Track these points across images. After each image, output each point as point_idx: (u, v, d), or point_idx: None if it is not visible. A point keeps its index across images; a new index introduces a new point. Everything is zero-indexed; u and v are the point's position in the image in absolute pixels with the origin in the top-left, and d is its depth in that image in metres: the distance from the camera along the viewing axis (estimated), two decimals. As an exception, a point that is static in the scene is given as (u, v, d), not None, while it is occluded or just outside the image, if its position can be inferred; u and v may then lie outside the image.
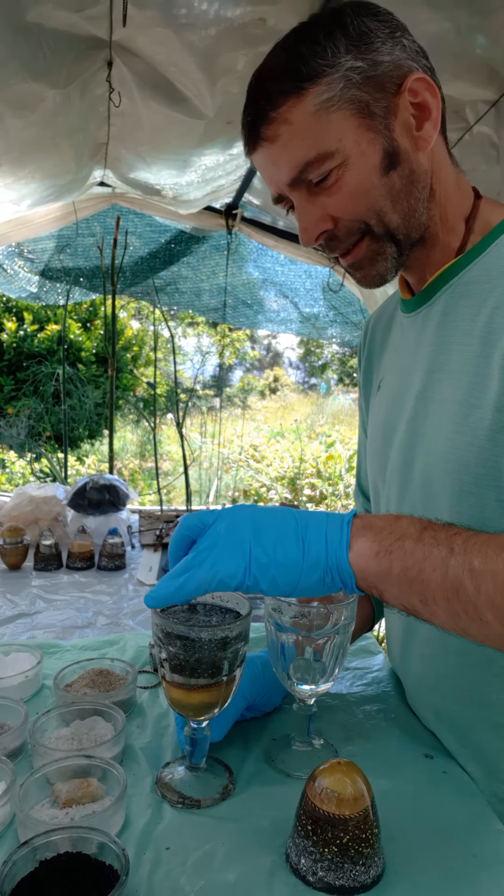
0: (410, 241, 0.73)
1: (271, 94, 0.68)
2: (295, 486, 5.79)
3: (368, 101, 0.67)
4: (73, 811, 0.64)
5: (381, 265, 0.74)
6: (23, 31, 1.26)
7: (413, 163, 0.70)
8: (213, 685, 0.67)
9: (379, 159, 0.68)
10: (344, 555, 0.56)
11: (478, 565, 0.52)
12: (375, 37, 0.67)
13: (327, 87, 0.66)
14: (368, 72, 0.66)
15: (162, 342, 7.77)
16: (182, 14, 1.26)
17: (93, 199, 2.56)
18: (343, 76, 0.66)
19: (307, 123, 0.67)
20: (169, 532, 2.20)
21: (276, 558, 0.57)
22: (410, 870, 0.60)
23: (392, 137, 0.68)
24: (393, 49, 0.68)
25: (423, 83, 0.68)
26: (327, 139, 0.67)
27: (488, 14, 1.13)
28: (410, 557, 0.55)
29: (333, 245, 0.74)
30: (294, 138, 0.68)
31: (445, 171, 0.73)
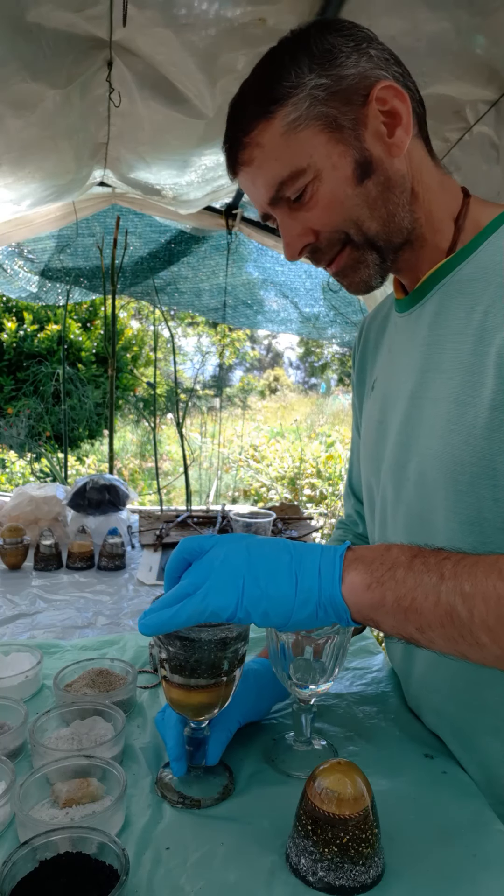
0: (392, 245, 0.75)
1: (243, 121, 0.71)
2: (295, 486, 5.79)
3: (336, 115, 0.69)
4: (73, 811, 0.64)
5: (364, 272, 0.75)
6: (23, 31, 1.26)
7: (388, 169, 0.71)
8: (213, 685, 0.67)
9: (351, 170, 0.70)
10: (337, 589, 0.57)
11: (468, 589, 0.52)
12: (339, 52, 0.69)
13: (293, 108, 0.68)
14: (333, 87, 0.68)
15: (162, 342, 7.78)
16: (182, 14, 1.26)
17: (93, 199, 2.56)
18: (308, 95, 0.68)
19: (277, 144, 0.70)
20: (169, 532, 2.20)
21: (269, 592, 0.58)
22: (410, 870, 0.60)
23: (363, 147, 0.70)
24: (358, 61, 0.69)
25: (390, 91, 0.69)
26: (298, 157, 0.69)
27: (488, 14, 1.13)
28: (402, 586, 0.55)
29: (318, 257, 0.76)
30: (267, 160, 0.71)
31: (427, 173, 0.74)
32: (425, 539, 0.72)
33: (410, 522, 0.78)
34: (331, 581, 0.57)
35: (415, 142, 0.73)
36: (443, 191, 0.75)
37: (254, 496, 5.78)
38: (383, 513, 0.86)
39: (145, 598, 1.68)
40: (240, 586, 0.57)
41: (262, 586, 0.58)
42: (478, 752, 0.75)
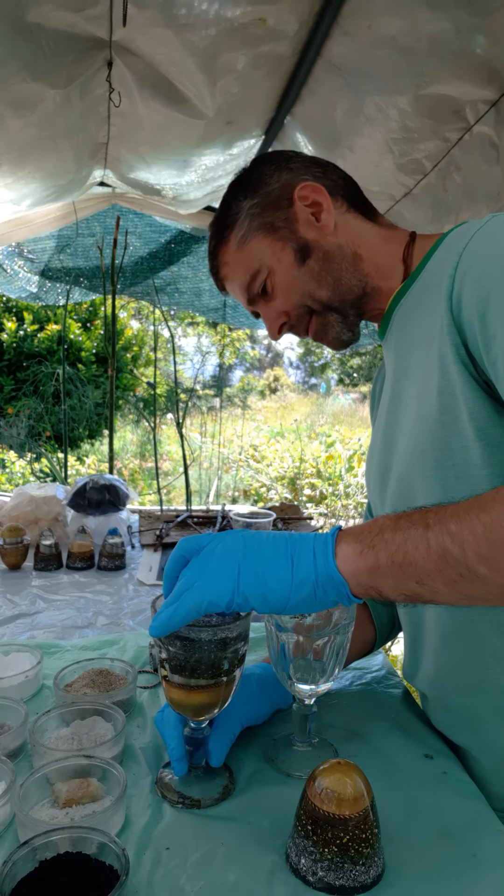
0: (348, 302, 0.88)
1: (213, 251, 0.93)
2: (295, 486, 5.79)
3: (272, 221, 0.87)
4: (73, 811, 0.64)
5: (333, 331, 0.90)
6: (23, 31, 1.25)
7: (324, 246, 0.86)
8: (213, 685, 0.67)
9: (293, 257, 0.87)
10: (332, 563, 0.59)
11: (454, 528, 0.55)
12: (264, 175, 0.88)
13: (239, 228, 0.88)
14: (263, 202, 0.87)
15: (162, 342, 7.78)
16: (182, 14, 1.26)
17: (93, 199, 2.56)
18: (247, 215, 0.88)
19: (235, 258, 0.90)
20: (169, 532, 2.20)
21: (265, 577, 0.59)
22: (410, 870, 0.60)
23: (298, 237, 0.86)
24: (280, 176, 0.88)
25: (308, 188, 0.86)
26: (251, 262, 0.88)
27: (488, 14, 1.13)
28: (392, 545, 0.57)
29: (295, 331, 0.93)
30: (232, 272, 0.92)
31: (366, 235, 0.88)
32: None
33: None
34: (325, 557, 0.59)
35: (346, 216, 0.88)
36: (387, 241, 0.88)
37: (254, 496, 5.78)
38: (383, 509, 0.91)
39: (145, 598, 1.68)
40: (235, 573, 0.60)
41: (258, 571, 0.60)
42: (488, 738, 0.77)
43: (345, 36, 1.29)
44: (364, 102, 1.46)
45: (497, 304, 0.63)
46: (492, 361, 0.64)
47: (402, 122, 1.46)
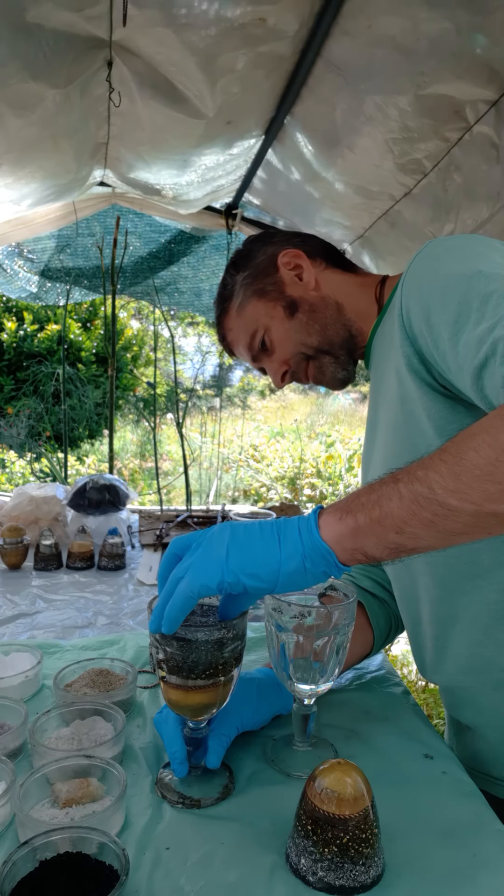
0: (336, 345, 1.00)
1: (217, 321, 1.09)
2: (295, 486, 5.79)
3: (262, 287, 1.01)
4: (73, 811, 0.64)
5: (329, 372, 1.02)
6: (23, 31, 1.25)
7: (309, 300, 1.00)
8: (211, 685, 0.67)
9: (283, 313, 1.00)
10: (316, 534, 0.62)
11: (421, 474, 0.58)
12: (252, 251, 1.05)
13: (236, 297, 1.04)
14: (253, 273, 1.02)
15: (162, 342, 7.78)
16: (182, 14, 1.26)
17: (93, 199, 2.56)
18: (241, 286, 1.03)
19: (236, 324, 1.05)
20: (169, 532, 2.20)
21: (254, 554, 0.62)
22: (410, 870, 0.60)
23: (285, 294, 1.00)
24: (266, 250, 1.03)
25: (288, 254, 1.00)
26: (249, 324, 1.03)
27: (488, 14, 1.13)
28: (368, 504, 0.60)
29: (297, 377, 1.05)
30: (236, 336, 1.06)
31: (344, 285, 1.01)
32: None
33: None
34: (308, 529, 0.62)
35: (326, 273, 1.01)
36: (363, 287, 1.00)
37: (254, 496, 5.78)
38: None
39: (145, 598, 1.67)
40: (223, 554, 0.62)
41: (245, 550, 0.62)
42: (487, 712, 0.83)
43: (345, 36, 1.29)
44: (364, 102, 1.45)
45: (435, 307, 0.71)
46: (441, 355, 0.71)
47: (402, 122, 1.46)
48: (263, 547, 0.62)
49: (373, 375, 0.99)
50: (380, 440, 0.92)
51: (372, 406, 1.00)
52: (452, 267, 0.72)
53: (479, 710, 0.85)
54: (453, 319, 0.68)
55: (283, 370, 1.04)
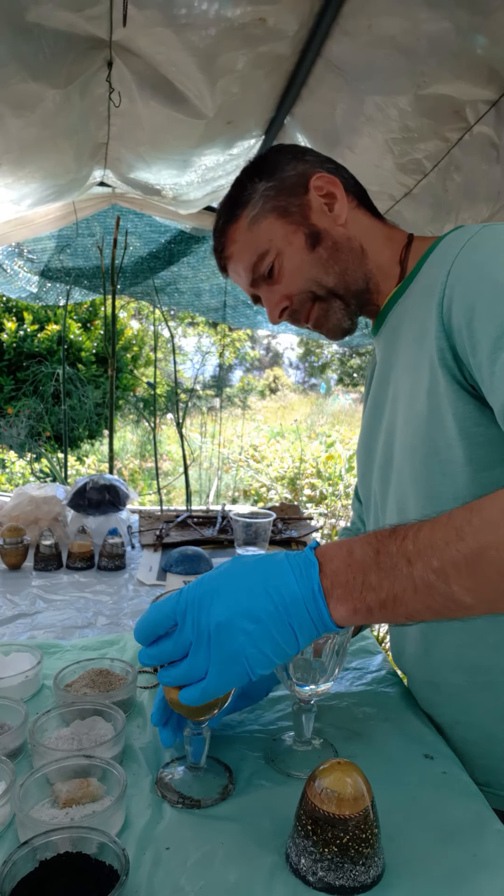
0: (352, 292, 0.92)
1: (222, 228, 0.95)
2: (295, 486, 5.79)
3: (285, 205, 0.90)
4: (73, 811, 0.64)
5: (335, 318, 0.93)
6: (23, 31, 1.25)
7: (334, 235, 0.90)
8: (213, 685, 0.67)
9: (303, 242, 0.89)
10: (329, 622, 0.59)
11: (437, 564, 0.55)
12: (281, 162, 0.92)
13: (252, 208, 0.91)
14: (279, 186, 0.90)
15: (162, 342, 7.78)
16: (182, 14, 1.26)
17: (93, 199, 2.56)
18: (261, 196, 0.90)
19: (245, 237, 0.92)
20: (169, 532, 2.20)
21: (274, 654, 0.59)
22: (410, 870, 0.60)
23: (310, 223, 0.89)
24: (297, 165, 0.91)
25: (323, 179, 0.90)
26: (261, 242, 0.90)
27: (488, 14, 1.13)
28: (381, 590, 0.57)
29: (295, 317, 0.95)
30: (240, 251, 0.93)
31: (371, 232, 0.92)
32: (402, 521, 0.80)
33: (394, 510, 0.88)
34: (321, 620, 0.59)
35: (356, 212, 0.92)
36: (389, 242, 0.92)
37: (254, 496, 5.78)
38: (377, 508, 0.96)
39: (145, 598, 1.67)
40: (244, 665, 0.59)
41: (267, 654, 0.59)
42: (470, 712, 0.81)
43: (345, 36, 1.29)
44: (364, 102, 1.46)
45: (481, 313, 0.67)
46: (477, 365, 0.68)
47: (402, 122, 1.46)
48: (283, 645, 0.59)
49: (383, 347, 0.93)
50: (399, 427, 0.85)
51: (380, 381, 0.93)
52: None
53: (464, 707, 0.83)
54: (497, 334, 0.64)
55: (283, 305, 0.94)
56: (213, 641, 0.58)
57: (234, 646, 0.58)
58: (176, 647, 0.60)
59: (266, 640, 0.58)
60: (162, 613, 0.61)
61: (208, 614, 0.59)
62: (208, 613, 0.59)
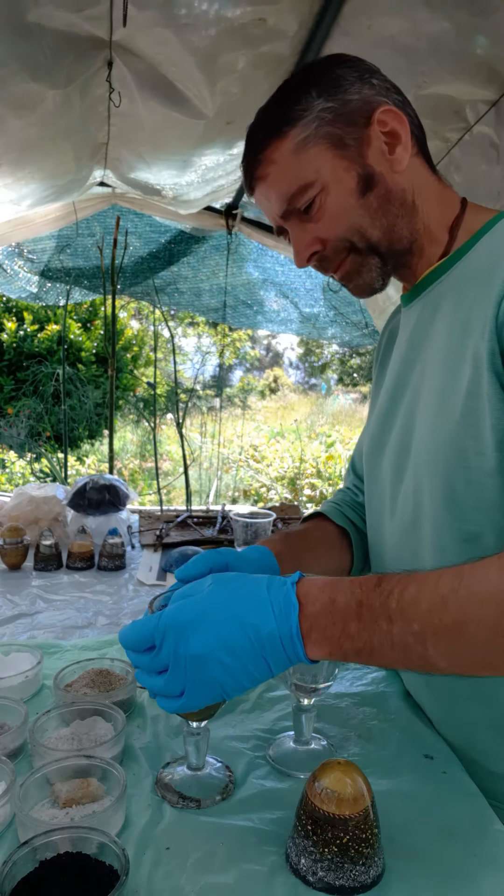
0: (394, 251, 0.81)
1: (259, 141, 0.80)
2: (295, 486, 5.79)
3: (342, 135, 0.77)
4: (73, 811, 0.64)
5: (368, 275, 0.82)
6: (23, 31, 1.25)
7: (389, 183, 0.78)
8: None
9: (355, 183, 0.77)
10: (304, 659, 0.60)
11: (417, 628, 0.55)
12: (345, 80, 0.78)
13: (303, 128, 0.77)
14: (339, 110, 0.77)
15: (162, 342, 7.78)
16: (182, 14, 1.26)
17: (93, 199, 2.56)
18: (316, 116, 0.77)
19: (289, 161, 0.78)
20: (169, 532, 2.20)
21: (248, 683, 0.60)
22: (410, 870, 0.60)
23: (366, 163, 0.77)
24: (361, 89, 0.78)
25: (390, 114, 0.77)
26: (306, 171, 0.77)
27: (488, 14, 1.13)
28: (358, 640, 0.57)
29: (324, 265, 0.84)
30: (279, 175, 0.79)
31: (426, 187, 0.81)
32: (415, 518, 0.79)
33: (405, 504, 0.83)
34: (295, 654, 0.59)
35: (415, 160, 0.80)
36: (441, 203, 0.82)
37: (254, 496, 5.78)
38: (381, 495, 0.90)
39: (145, 598, 1.67)
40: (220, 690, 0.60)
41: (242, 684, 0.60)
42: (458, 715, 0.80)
43: (345, 36, 1.29)
44: (364, 102, 1.45)
45: None
46: None
47: (402, 122, 1.46)
48: (256, 677, 0.60)
49: (415, 322, 0.84)
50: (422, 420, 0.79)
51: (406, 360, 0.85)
52: None
53: (451, 713, 0.81)
54: None
55: (315, 249, 0.82)
56: (190, 669, 0.59)
57: (209, 675, 0.59)
58: (153, 665, 0.62)
59: (240, 672, 0.59)
60: (141, 634, 0.62)
61: (186, 644, 0.59)
62: (186, 643, 0.59)
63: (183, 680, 0.60)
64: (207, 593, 0.62)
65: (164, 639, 0.61)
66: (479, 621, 0.53)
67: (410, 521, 0.81)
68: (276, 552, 0.84)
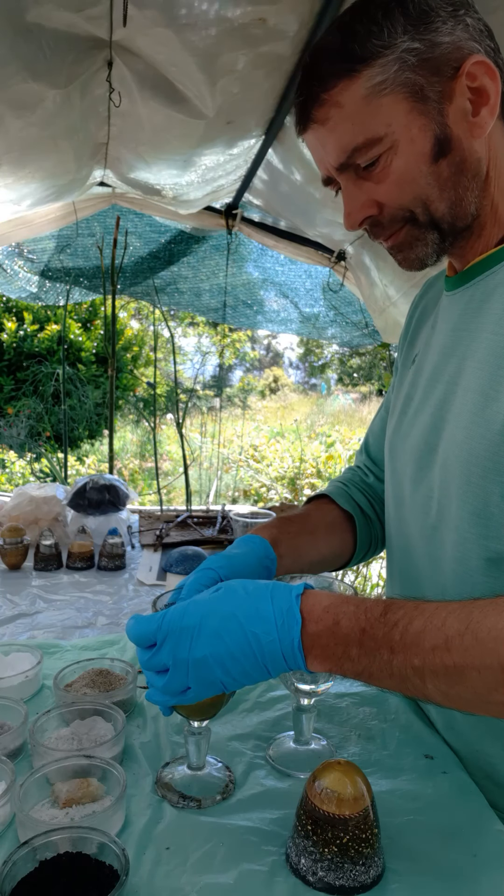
0: (456, 229, 0.72)
1: (323, 75, 0.67)
2: (295, 486, 5.79)
3: (423, 85, 0.65)
4: (73, 811, 0.64)
5: (422, 250, 0.73)
6: (23, 31, 1.25)
7: (465, 150, 0.68)
8: (214, 685, 0.67)
9: (430, 146, 0.67)
10: (303, 667, 0.60)
11: (417, 663, 0.55)
12: (436, 16, 0.65)
13: (381, 70, 0.65)
14: (425, 54, 0.65)
15: (162, 342, 7.78)
16: (182, 14, 1.26)
17: (93, 199, 2.56)
18: (398, 58, 0.65)
19: (358, 107, 0.66)
20: (169, 532, 2.20)
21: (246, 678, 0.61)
22: (410, 870, 0.60)
23: (445, 123, 0.66)
24: (454, 29, 0.65)
25: (482, 67, 0.65)
26: (377, 124, 0.66)
27: (489, 14, 1.13)
28: (358, 664, 0.58)
29: (377, 231, 0.75)
30: (344, 122, 0.67)
31: (503, 159, 0.71)
32: (438, 524, 0.75)
33: (428, 504, 0.78)
34: (296, 665, 0.60)
35: (497, 124, 0.69)
36: None
37: (254, 496, 5.78)
38: (399, 487, 0.86)
39: (145, 598, 1.67)
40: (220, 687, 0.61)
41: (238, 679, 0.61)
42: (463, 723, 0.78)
43: (345, 36, 1.29)
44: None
45: None
46: None
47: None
48: (257, 677, 0.61)
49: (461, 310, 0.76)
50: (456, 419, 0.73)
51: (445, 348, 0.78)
52: None
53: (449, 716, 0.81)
54: None
55: (370, 213, 0.72)
56: (192, 670, 0.60)
57: (211, 676, 0.60)
58: (151, 664, 0.63)
59: (241, 675, 0.60)
60: (143, 632, 0.63)
61: (188, 649, 0.60)
62: (188, 648, 0.60)
63: (185, 678, 0.61)
64: (212, 598, 0.63)
65: (165, 641, 0.61)
66: (481, 668, 0.52)
67: (432, 526, 0.77)
68: (271, 539, 0.82)
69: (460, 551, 0.72)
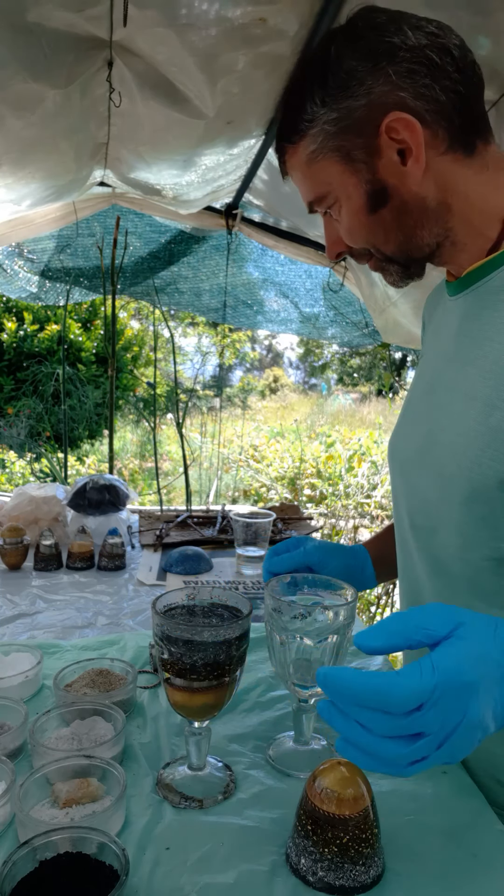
0: (414, 260, 0.78)
1: (278, 142, 0.79)
2: (295, 487, 5.79)
3: (349, 148, 0.72)
4: (73, 811, 0.64)
5: (390, 278, 0.81)
6: (23, 31, 1.25)
7: (405, 195, 0.72)
8: (216, 686, 0.67)
9: (363, 201, 0.74)
10: None
11: None
12: (353, 79, 0.69)
13: (311, 140, 0.74)
14: (344, 120, 0.71)
15: (162, 342, 7.78)
16: (182, 14, 1.26)
17: (93, 199, 2.56)
18: (321, 130, 0.72)
19: (303, 169, 0.77)
20: (169, 532, 2.19)
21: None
22: (410, 870, 0.60)
23: (376, 178, 0.72)
24: (372, 88, 0.69)
25: (401, 122, 0.68)
26: (319, 184, 0.76)
27: (489, 14, 1.13)
28: None
29: (355, 260, 0.83)
30: (299, 180, 0.79)
31: (464, 183, 0.72)
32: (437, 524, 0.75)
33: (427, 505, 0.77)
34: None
35: (443, 158, 0.71)
36: (494, 190, 0.73)
37: (254, 496, 5.78)
38: (398, 488, 0.87)
39: (145, 598, 1.67)
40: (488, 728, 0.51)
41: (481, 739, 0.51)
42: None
43: (345, 36, 1.29)
44: (364, 102, 1.46)
45: None
46: None
47: (403, 122, 1.46)
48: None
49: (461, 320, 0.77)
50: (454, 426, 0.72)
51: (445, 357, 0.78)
52: None
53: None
54: None
55: (339, 250, 0.81)
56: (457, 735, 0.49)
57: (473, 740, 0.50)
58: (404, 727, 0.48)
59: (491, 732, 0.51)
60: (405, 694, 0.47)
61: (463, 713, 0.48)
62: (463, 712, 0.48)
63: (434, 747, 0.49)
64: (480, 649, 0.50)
65: (439, 701, 0.47)
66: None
67: (432, 528, 0.77)
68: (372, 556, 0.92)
69: (466, 553, 0.72)
